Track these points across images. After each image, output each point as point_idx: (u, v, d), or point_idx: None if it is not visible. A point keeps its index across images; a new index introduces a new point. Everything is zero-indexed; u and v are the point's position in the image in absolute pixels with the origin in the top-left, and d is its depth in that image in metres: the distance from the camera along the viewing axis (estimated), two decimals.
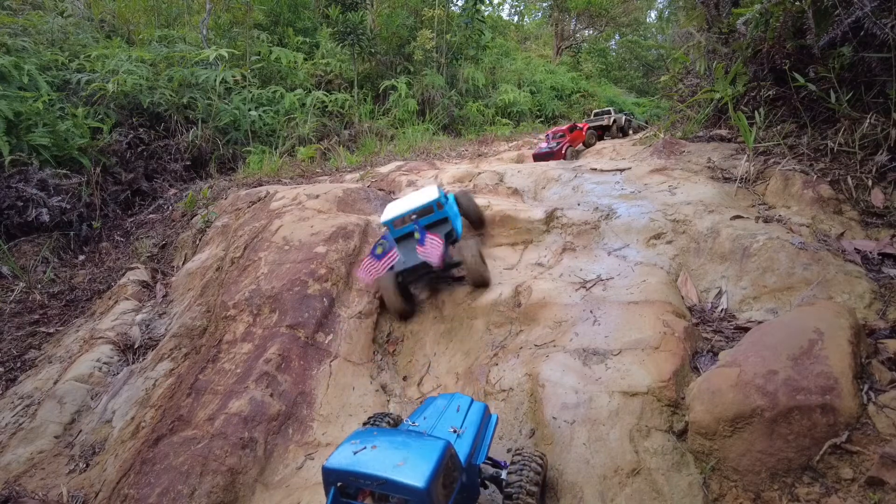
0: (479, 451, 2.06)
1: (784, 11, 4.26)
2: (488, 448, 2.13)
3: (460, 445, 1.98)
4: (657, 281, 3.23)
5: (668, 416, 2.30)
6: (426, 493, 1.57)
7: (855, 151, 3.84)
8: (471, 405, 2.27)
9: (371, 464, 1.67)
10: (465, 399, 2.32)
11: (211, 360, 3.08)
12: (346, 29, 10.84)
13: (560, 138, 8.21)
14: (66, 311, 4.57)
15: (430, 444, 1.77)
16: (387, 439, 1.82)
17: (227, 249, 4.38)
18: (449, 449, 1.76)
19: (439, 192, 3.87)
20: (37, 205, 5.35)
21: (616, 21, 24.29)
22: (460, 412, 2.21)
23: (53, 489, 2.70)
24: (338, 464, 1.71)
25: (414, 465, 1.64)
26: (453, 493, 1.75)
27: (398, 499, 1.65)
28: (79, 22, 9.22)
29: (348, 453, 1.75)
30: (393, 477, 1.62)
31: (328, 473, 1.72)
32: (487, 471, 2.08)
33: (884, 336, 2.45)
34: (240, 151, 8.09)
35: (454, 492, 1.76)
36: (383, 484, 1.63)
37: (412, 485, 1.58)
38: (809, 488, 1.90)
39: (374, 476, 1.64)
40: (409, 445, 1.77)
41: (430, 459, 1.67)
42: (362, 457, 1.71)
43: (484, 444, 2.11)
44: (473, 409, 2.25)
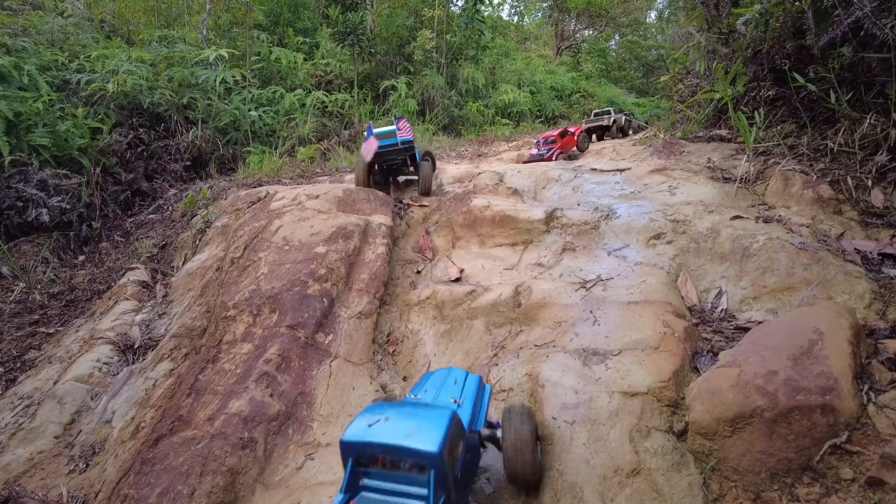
0: (478, 418, 2.21)
1: (784, 11, 4.26)
2: (485, 415, 2.27)
3: (462, 413, 2.09)
4: (657, 281, 3.23)
5: (668, 416, 2.30)
6: (439, 457, 1.68)
7: (855, 151, 3.84)
8: (466, 377, 2.40)
9: (386, 434, 1.77)
10: (461, 372, 2.44)
11: (211, 361, 3.08)
12: (346, 29, 10.84)
13: (551, 144, 8.00)
14: (65, 311, 4.57)
15: (438, 412, 1.88)
16: (397, 411, 1.92)
17: (227, 250, 4.38)
18: (455, 416, 1.88)
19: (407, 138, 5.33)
20: (37, 205, 5.35)
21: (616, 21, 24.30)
22: (458, 384, 2.33)
23: (53, 489, 2.70)
24: (354, 437, 1.80)
25: (426, 433, 1.75)
26: (461, 457, 1.87)
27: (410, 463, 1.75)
28: (79, 22, 9.22)
29: (363, 426, 1.83)
30: (408, 444, 1.72)
31: (346, 446, 1.80)
32: (484, 433, 2.20)
33: (884, 336, 2.45)
34: (240, 151, 8.09)
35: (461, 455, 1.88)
36: (399, 452, 1.74)
37: (427, 450, 1.69)
38: (809, 488, 1.90)
39: (389, 445, 1.74)
40: (419, 415, 1.87)
41: (440, 426, 1.78)
42: (377, 428, 1.80)
43: (481, 412, 2.25)
44: (469, 380, 2.38)
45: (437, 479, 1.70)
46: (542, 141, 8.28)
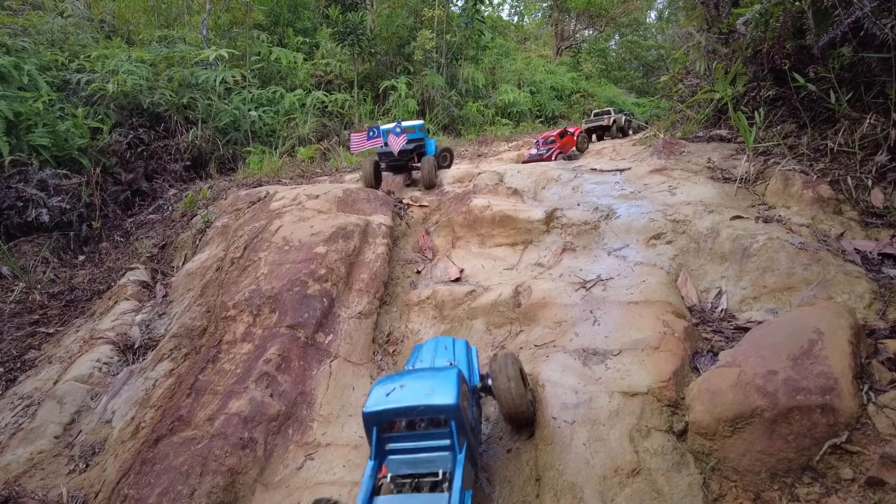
0: (472, 375, 2.43)
1: (784, 11, 4.26)
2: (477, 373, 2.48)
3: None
4: (657, 281, 3.23)
5: (668, 416, 2.30)
6: (458, 407, 1.90)
7: (855, 151, 3.84)
8: (454, 343, 2.59)
9: (406, 398, 1.95)
10: (448, 339, 2.64)
11: (211, 361, 3.08)
12: (346, 29, 10.84)
13: (550, 144, 8.00)
14: (65, 311, 4.57)
15: (446, 373, 2.09)
16: (409, 378, 2.10)
17: (227, 250, 4.38)
18: (461, 373, 2.09)
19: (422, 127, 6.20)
20: (37, 205, 5.35)
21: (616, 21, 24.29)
22: (448, 349, 2.52)
23: (53, 489, 2.70)
24: (376, 406, 1.96)
25: (441, 390, 1.95)
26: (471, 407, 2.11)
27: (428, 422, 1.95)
28: (79, 22, 9.22)
29: (382, 396, 1.99)
30: (429, 402, 1.91)
31: (369, 417, 1.96)
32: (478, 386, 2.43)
33: (884, 336, 2.45)
34: (240, 151, 8.09)
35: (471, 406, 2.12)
36: (422, 411, 1.92)
37: (447, 403, 1.90)
38: (809, 488, 1.90)
39: (412, 406, 1.92)
40: (430, 378, 2.07)
41: (452, 383, 1.99)
42: (396, 395, 1.98)
43: (474, 370, 2.46)
44: (458, 345, 2.58)
45: (458, 427, 1.91)
46: (542, 141, 8.27)
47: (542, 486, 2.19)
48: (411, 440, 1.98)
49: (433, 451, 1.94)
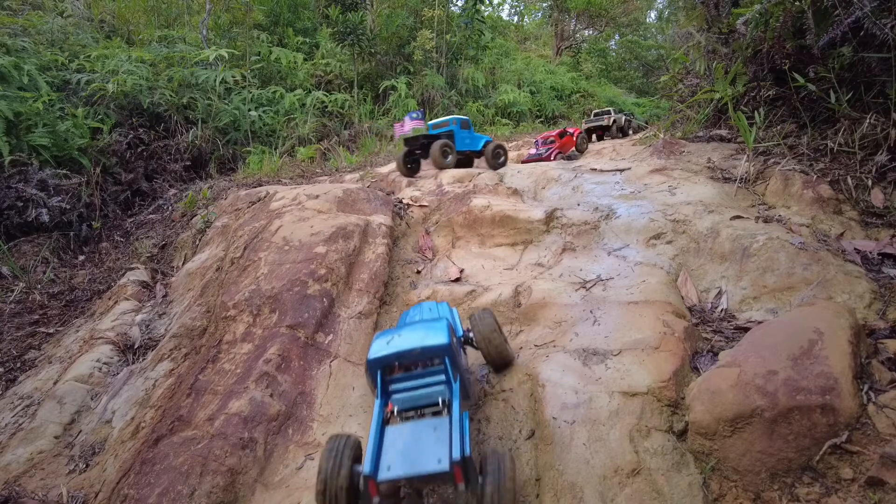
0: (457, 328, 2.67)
1: (784, 11, 4.26)
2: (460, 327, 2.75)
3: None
4: (657, 281, 3.23)
5: (668, 416, 2.30)
6: (450, 346, 2.19)
7: (855, 151, 3.84)
8: (438, 305, 2.85)
9: (404, 343, 2.24)
10: (431, 303, 2.91)
11: (211, 361, 3.08)
12: (346, 29, 10.84)
13: (549, 144, 8.02)
14: (65, 311, 4.57)
15: (436, 322, 2.39)
16: (404, 329, 2.38)
17: (227, 250, 4.39)
18: (449, 323, 2.37)
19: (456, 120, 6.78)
20: (37, 205, 5.35)
21: (616, 21, 24.30)
22: (433, 310, 2.76)
23: (53, 489, 2.70)
24: (379, 353, 2.24)
25: (434, 335, 2.24)
26: (459, 351, 2.38)
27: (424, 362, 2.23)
28: (79, 22, 9.22)
29: (383, 345, 2.27)
30: (425, 344, 2.20)
31: (373, 362, 2.23)
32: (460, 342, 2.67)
33: (884, 336, 2.45)
34: (240, 151, 8.10)
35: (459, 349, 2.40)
36: (419, 352, 2.20)
37: (441, 343, 2.20)
38: (809, 488, 1.90)
39: (410, 349, 2.20)
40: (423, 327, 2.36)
41: (443, 328, 2.29)
42: (395, 343, 2.26)
43: (457, 325, 2.71)
44: (441, 306, 2.84)
45: (452, 363, 2.22)
46: (541, 141, 8.27)
47: (542, 486, 2.19)
48: (411, 380, 2.26)
49: (431, 386, 2.23)
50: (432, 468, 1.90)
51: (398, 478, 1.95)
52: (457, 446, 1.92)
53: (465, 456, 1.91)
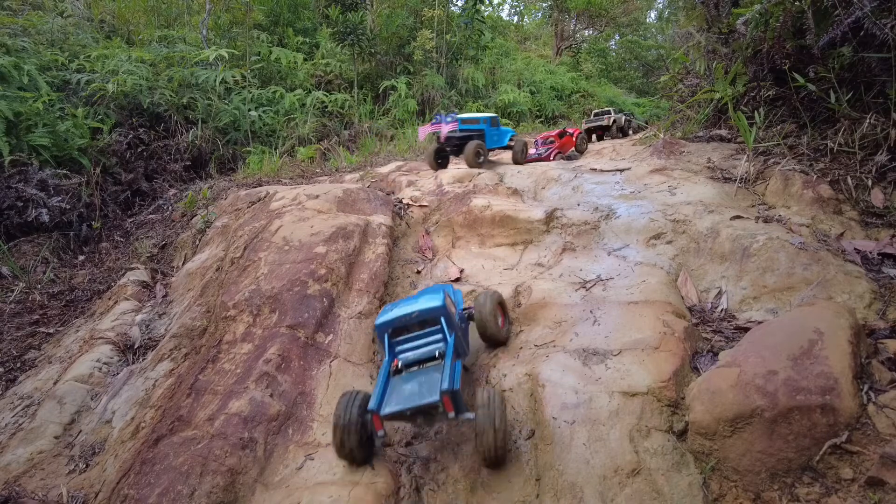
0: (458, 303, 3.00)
1: (784, 11, 4.26)
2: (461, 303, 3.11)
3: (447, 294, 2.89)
4: (657, 281, 3.23)
5: (668, 416, 2.30)
6: (444, 307, 2.61)
7: (855, 151, 3.84)
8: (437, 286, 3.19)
9: (406, 308, 2.67)
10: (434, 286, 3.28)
11: (211, 361, 3.08)
12: (346, 29, 10.83)
13: (549, 144, 8.02)
14: (65, 311, 4.57)
15: (435, 291, 2.82)
16: (406, 300, 2.84)
17: (227, 250, 4.39)
18: (446, 291, 2.79)
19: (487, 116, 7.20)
20: (37, 205, 5.35)
21: (616, 21, 24.28)
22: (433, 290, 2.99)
23: (53, 489, 2.69)
24: (385, 318, 2.68)
25: (431, 299, 2.66)
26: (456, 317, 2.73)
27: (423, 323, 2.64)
28: (79, 22, 9.22)
29: (388, 312, 2.74)
30: (423, 307, 2.62)
31: (381, 326, 2.67)
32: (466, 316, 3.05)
33: (884, 336, 2.45)
34: (240, 151, 8.09)
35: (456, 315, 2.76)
36: (418, 314, 2.62)
37: (437, 305, 2.60)
38: (809, 488, 1.90)
39: (410, 313, 2.63)
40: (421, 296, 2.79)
41: (439, 294, 2.71)
42: (398, 309, 2.70)
43: (458, 301, 3.02)
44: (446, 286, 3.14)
45: (447, 322, 2.60)
46: (541, 141, 8.26)
47: (542, 486, 2.19)
48: (413, 340, 2.67)
49: (430, 344, 2.62)
50: (426, 400, 2.25)
51: (398, 411, 2.28)
52: (447, 381, 2.27)
53: (453, 389, 2.25)
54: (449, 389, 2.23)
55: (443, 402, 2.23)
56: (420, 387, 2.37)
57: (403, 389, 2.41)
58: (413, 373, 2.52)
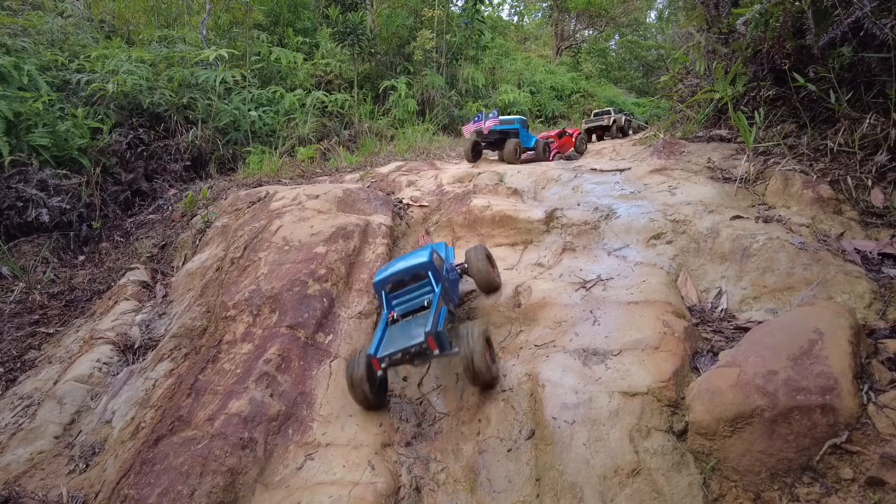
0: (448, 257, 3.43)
1: (784, 11, 4.26)
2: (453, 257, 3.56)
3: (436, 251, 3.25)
4: (657, 281, 3.23)
5: (668, 416, 2.30)
6: (431, 262, 3.00)
7: (855, 151, 3.84)
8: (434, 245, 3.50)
9: (398, 267, 3.07)
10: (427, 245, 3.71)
11: (211, 361, 3.08)
12: (346, 29, 10.82)
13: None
14: (65, 311, 4.57)
15: (422, 250, 3.23)
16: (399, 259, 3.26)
17: (227, 250, 4.39)
18: (433, 249, 3.17)
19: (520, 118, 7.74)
20: (37, 205, 5.35)
21: (616, 21, 24.28)
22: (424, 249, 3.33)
23: (53, 489, 2.70)
24: (381, 275, 3.11)
25: (418, 258, 3.07)
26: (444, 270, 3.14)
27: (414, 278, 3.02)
28: (79, 22, 9.22)
29: (383, 271, 3.16)
30: (411, 264, 3.03)
31: (378, 283, 3.11)
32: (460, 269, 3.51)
33: (884, 336, 2.45)
34: (240, 152, 8.09)
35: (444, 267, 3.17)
36: (408, 271, 3.02)
37: (423, 261, 3.01)
38: (809, 488, 1.90)
39: (401, 270, 3.03)
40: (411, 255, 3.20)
41: (426, 252, 3.10)
42: (391, 268, 3.13)
43: (450, 256, 3.48)
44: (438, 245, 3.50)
45: (434, 275, 2.99)
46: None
47: (541, 486, 2.19)
48: (407, 294, 3.04)
49: (422, 296, 2.98)
50: (414, 342, 2.59)
51: (391, 353, 2.64)
52: (430, 325, 2.62)
53: (437, 331, 2.60)
54: (433, 331, 2.58)
55: (428, 343, 2.56)
56: (411, 332, 2.73)
57: (397, 335, 2.78)
58: (407, 321, 2.90)
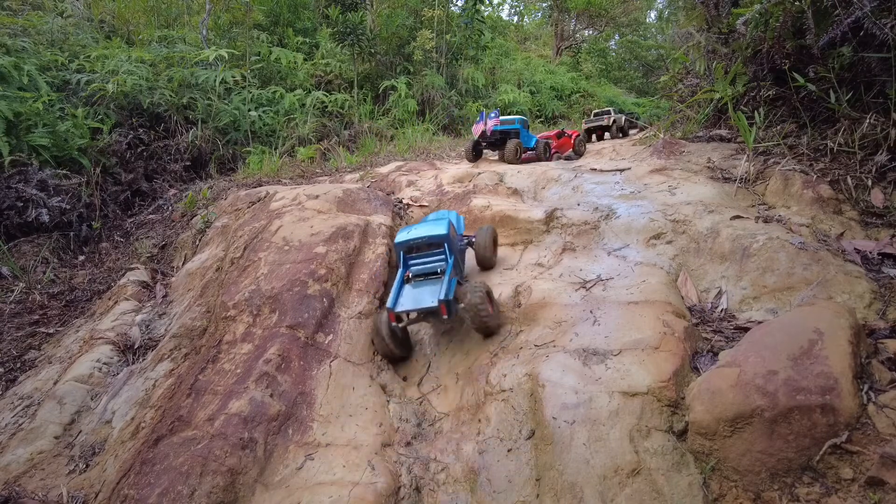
0: (459, 228, 3.86)
1: (784, 11, 4.26)
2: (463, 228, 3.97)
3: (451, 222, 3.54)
4: (657, 281, 3.23)
5: (668, 416, 2.30)
6: (448, 235, 3.32)
7: (855, 151, 3.84)
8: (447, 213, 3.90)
9: (418, 234, 3.37)
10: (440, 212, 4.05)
11: (211, 361, 3.08)
12: (346, 29, 10.82)
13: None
14: (65, 311, 4.57)
15: (441, 220, 3.52)
16: (419, 224, 3.60)
17: (227, 250, 4.39)
18: (450, 221, 3.46)
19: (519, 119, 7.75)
20: (37, 205, 5.35)
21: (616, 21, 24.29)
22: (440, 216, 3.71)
23: (53, 490, 2.70)
24: (402, 238, 3.40)
25: (437, 228, 3.36)
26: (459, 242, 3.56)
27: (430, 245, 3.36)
28: (78, 22, 9.22)
29: (405, 234, 3.44)
30: (431, 233, 3.33)
31: (398, 245, 3.41)
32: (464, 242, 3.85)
33: (884, 336, 2.45)
34: (240, 152, 8.09)
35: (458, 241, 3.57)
36: (427, 239, 3.33)
37: (441, 233, 3.32)
38: (809, 488, 1.90)
39: (420, 237, 3.35)
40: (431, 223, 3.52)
41: (445, 223, 3.41)
42: (412, 233, 3.41)
43: (460, 227, 3.85)
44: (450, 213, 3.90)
45: (449, 246, 3.33)
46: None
47: (541, 486, 2.19)
48: (423, 258, 3.40)
49: (434, 262, 3.35)
50: (427, 304, 3.05)
51: (407, 310, 3.10)
52: (443, 293, 3.04)
53: (448, 299, 3.03)
54: (445, 299, 3.01)
55: (439, 308, 3.02)
56: (423, 294, 3.16)
57: (412, 294, 3.19)
58: (420, 282, 3.30)
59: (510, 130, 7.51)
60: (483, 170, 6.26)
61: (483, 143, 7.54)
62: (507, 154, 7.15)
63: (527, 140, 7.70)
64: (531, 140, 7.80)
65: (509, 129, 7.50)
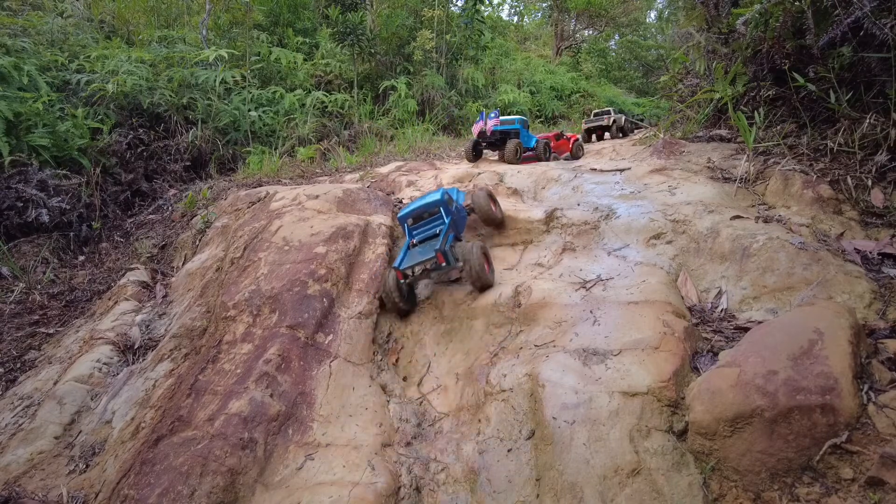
0: (459, 198, 4.23)
1: (783, 11, 4.26)
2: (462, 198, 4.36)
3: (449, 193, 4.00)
4: (657, 281, 3.23)
5: (668, 416, 2.30)
6: (443, 200, 3.82)
7: (855, 151, 3.84)
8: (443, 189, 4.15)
9: (417, 204, 3.93)
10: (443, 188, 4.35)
11: (211, 361, 3.08)
12: (346, 29, 10.82)
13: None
14: (65, 311, 4.57)
15: (435, 191, 3.96)
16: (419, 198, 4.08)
17: (227, 250, 4.39)
18: (446, 191, 3.91)
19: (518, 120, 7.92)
20: (37, 205, 5.35)
21: (616, 21, 24.29)
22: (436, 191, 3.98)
23: (53, 490, 2.70)
24: (403, 212, 4.01)
25: (433, 196, 3.87)
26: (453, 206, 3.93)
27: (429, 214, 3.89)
28: (78, 22, 9.21)
29: (406, 207, 4.04)
30: (428, 201, 3.87)
31: (401, 217, 4.03)
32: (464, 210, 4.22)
33: (884, 336, 2.45)
34: (240, 152, 8.08)
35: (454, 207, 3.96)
36: (425, 207, 3.87)
37: (437, 199, 3.83)
38: (809, 488, 1.90)
39: (419, 206, 3.90)
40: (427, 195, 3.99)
41: (439, 191, 3.88)
42: (411, 206, 3.97)
43: (459, 199, 4.22)
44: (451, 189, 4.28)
45: (445, 210, 3.83)
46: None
47: (542, 486, 2.19)
48: (425, 226, 3.91)
49: (435, 227, 3.84)
50: (427, 257, 3.53)
51: (410, 265, 3.60)
52: (439, 244, 3.55)
53: (444, 249, 3.48)
54: (441, 249, 3.46)
55: (437, 257, 3.44)
56: (425, 252, 3.64)
57: (415, 254, 3.71)
58: (423, 245, 3.81)
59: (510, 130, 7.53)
60: (483, 170, 6.25)
61: (483, 143, 7.57)
62: (508, 154, 7.18)
63: (527, 140, 7.72)
64: (531, 140, 7.81)
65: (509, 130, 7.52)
